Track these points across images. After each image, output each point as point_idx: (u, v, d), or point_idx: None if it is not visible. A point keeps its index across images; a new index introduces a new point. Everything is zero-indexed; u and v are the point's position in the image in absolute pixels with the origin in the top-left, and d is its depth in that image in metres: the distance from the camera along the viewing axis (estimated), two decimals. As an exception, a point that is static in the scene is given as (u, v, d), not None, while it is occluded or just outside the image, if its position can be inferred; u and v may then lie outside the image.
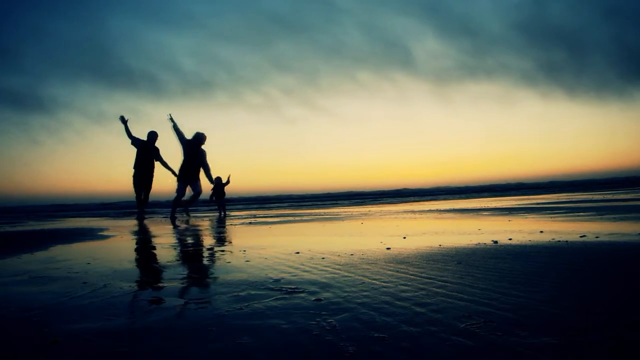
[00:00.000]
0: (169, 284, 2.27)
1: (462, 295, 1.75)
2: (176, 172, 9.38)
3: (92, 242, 4.81)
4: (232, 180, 10.62)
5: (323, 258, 2.83)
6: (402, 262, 2.57)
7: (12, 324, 1.65)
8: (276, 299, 1.84)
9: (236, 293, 1.98)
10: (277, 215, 9.59)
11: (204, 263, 2.90)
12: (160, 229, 6.42)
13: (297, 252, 3.12)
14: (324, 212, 9.92)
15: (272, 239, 4.40)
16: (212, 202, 10.89)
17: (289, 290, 1.99)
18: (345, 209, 11.66)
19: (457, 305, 1.63)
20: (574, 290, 1.79)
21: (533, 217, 5.65)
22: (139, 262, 3.04)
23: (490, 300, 1.66)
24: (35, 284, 2.38)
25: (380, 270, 2.35)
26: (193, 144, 9.26)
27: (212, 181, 9.55)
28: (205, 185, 9.46)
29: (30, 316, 1.73)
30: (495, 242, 3.22)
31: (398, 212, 8.49)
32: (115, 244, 4.50)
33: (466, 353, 1.20)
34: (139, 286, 2.25)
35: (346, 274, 2.28)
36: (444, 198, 19.69)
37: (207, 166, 9.37)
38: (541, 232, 3.78)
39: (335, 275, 2.28)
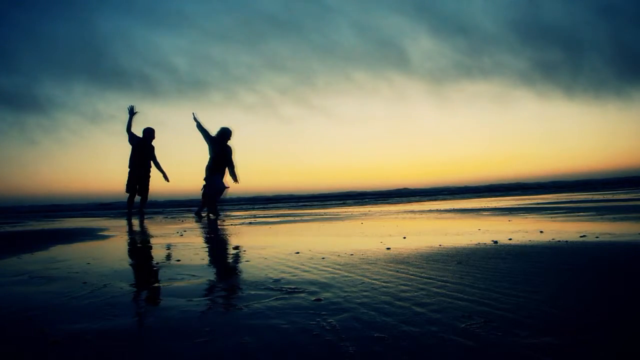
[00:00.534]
0: (168, 284, 2.27)
1: (462, 295, 1.75)
2: (168, 176, 9.27)
3: (92, 242, 4.81)
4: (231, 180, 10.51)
5: (323, 258, 2.83)
6: (402, 262, 2.57)
7: (12, 324, 1.65)
8: (276, 299, 1.85)
9: (236, 293, 1.99)
10: (277, 215, 9.59)
11: (204, 263, 2.90)
12: (160, 229, 6.42)
13: (297, 252, 3.12)
14: (324, 212, 9.92)
15: (272, 239, 4.40)
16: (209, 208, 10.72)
17: (289, 290, 1.99)
18: (345, 209, 11.66)
19: (457, 305, 1.63)
20: (574, 290, 1.79)
21: (533, 217, 5.65)
22: (138, 262, 3.04)
23: (490, 300, 1.66)
24: (35, 284, 2.38)
25: (380, 270, 2.35)
26: (219, 140, 9.15)
27: (236, 180, 9.29)
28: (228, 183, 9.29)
29: (30, 316, 1.73)
30: (495, 242, 3.22)
31: (398, 212, 8.49)
32: (115, 244, 4.50)
33: (466, 353, 1.20)
34: (139, 286, 2.25)
35: (346, 274, 2.28)
36: (443, 198, 19.70)
37: (233, 164, 9.17)
38: (541, 232, 3.78)
39: (335, 275, 2.28)
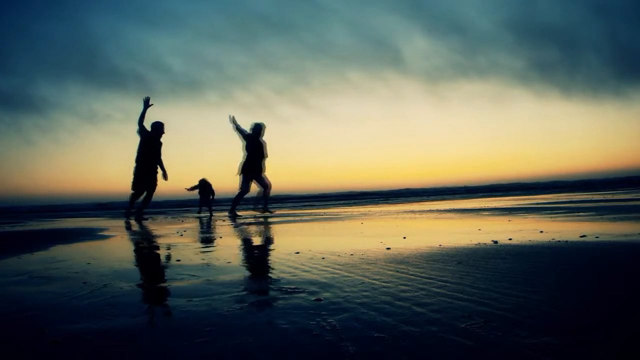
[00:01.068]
0: (168, 284, 2.27)
1: (462, 295, 1.75)
2: (167, 175, 9.02)
3: (92, 242, 4.81)
4: (229, 180, 10.51)
5: (323, 258, 2.83)
6: (402, 262, 2.57)
7: (12, 324, 1.65)
8: (276, 298, 1.85)
9: (236, 293, 1.98)
10: (277, 215, 9.59)
11: (204, 263, 2.90)
12: (160, 229, 6.42)
13: (297, 252, 3.12)
14: (323, 212, 9.92)
15: (272, 239, 4.40)
16: (202, 206, 10.60)
17: (289, 290, 1.99)
18: (345, 209, 11.66)
19: (457, 305, 1.63)
20: (574, 290, 1.79)
21: (533, 217, 5.65)
22: (138, 262, 3.04)
23: (490, 300, 1.66)
24: (35, 284, 2.38)
25: (380, 270, 2.35)
26: (254, 137, 9.07)
27: (263, 170, 9.30)
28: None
29: (30, 316, 1.73)
30: (496, 242, 3.22)
31: (398, 212, 8.49)
32: (115, 244, 4.50)
33: (466, 353, 1.20)
34: (139, 286, 2.25)
35: (346, 274, 2.28)
36: (442, 198, 19.70)
37: (266, 155, 9.18)
38: (541, 232, 3.78)
39: (335, 275, 2.28)
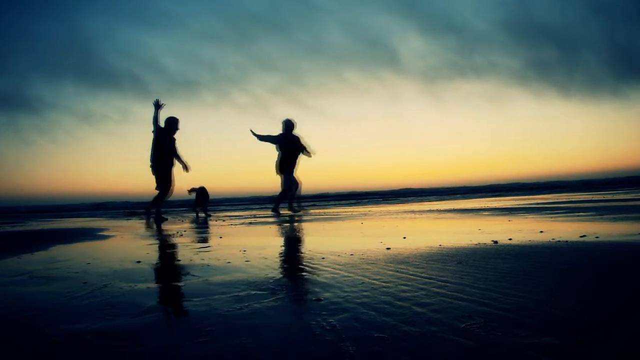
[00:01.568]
0: (168, 284, 2.27)
1: (462, 295, 1.75)
2: (187, 166, 8.71)
3: (92, 242, 4.81)
4: (225, 181, 10.36)
5: (323, 258, 2.83)
6: (402, 262, 2.57)
7: (12, 324, 1.65)
8: (276, 299, 1.85)
9: (236, 293, 1.98)
10: (276, 215, 9.59)
11: (204, 263, 2.90)
12: (159, 229, 6.42)
13: (297, 252, 3.12)
14: (323, 212, 9.91)
15: (272, 239, 4.40)
16: (196, 209, 10.40)
17: (288, 290, 1.99)
18: (345, 209, 11.66)
19: (457, 305, 1.63)
20: (574, 290, 1.79)
21: (533, 217, 5.65)
22: (138, 262, 3.04)
23: (490, 300, 1.66)
24: (35, 284, 2.38)
25: (380, 270, 2.35)
26: (285, 135, 9.03)
27: (310, 154, 9.26)
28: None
29: (30, 316, 1.73)
30: (496, 242, 3.22)
31: (398, 212, 8.49)
32: (115, 244, 4.50)
33: (466, 353, 1.20)
34: (139, 286, 2.25)
35: (346, 274, 2.28)
36: (442, 198, 19.69)
37: (304, 147, 9.13)
38: (541, 232, 3.78)
39: (335, 275, 2.28)
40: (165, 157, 8.58)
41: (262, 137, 9.14)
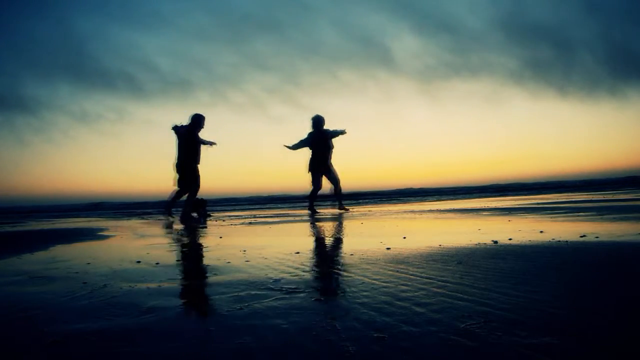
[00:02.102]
0: (168, 284, 2.27)
1: (462, 295, 1.75)
2: (214, 142, 8.60)
3: (92, 242, 4.81)
4: (223, 181, 10.14)
5: (323, 258, 2.83)
6: (402, 262, 2.57)
7: (12, 324, 1.65)
8: (276, 299, 1.84)
9: (236, 293, 1.98)
10: (276, 215, 9.59)
11: (204, 263, 2.90)
12: (159, 229, 6.42)
13: (297, 252, 3.12)
14: (323, 212, 9.91)
15: (272, 239, 4.40)
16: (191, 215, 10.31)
17: (289, 290, 1.99)
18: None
19: (457, 305, 1.63)
20: (574, 290, 1.79)
21: (533, 217, 5.65)
22: (138, 262, 3.04)
23: (490, 300, 1.66)
24: (35, 284, 2.38)
25: (380, 270, 2.35)
26: (314, 132, 8.98)
27: (341, 132, 9.15)
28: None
29: (30, 316, 1.73)
30: (496, 242, 3.22)
31: (398, 212, 8.49)
32: (115, 244, 4.50)
33: (466, 353, 1.20)
34: (139, 286, 2.25)
35: (346, 274, 2.28)
36: (441, 198, 19.70)
37: (333, 133, 9.03)
38: (541, 232, 3.78)
39: (336, 275, 2.28)
40: (194, 156, 8.48)
41: (295, 147, 9.16)
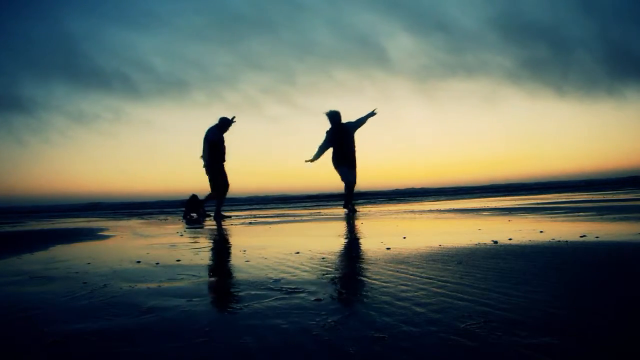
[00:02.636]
0: (169, 284, 2.27)
1: (462, 295, 1.75)
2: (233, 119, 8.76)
3: (92, 242, 4.81)
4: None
5: (323, 258, 2.83)
6: (402, 262, 2.57)
7: (12, 324, 1.65)
8: (276, 299, 1.84)
9: (236, 293, 1.99)
10: (276, 215, 9.59)
11: (204, 263, 2.90)
12: (159, 229, 6.42)
13: (297, 252, 3.12)
14: (323, 212, 9.91)
15: (272, 239, 4.40)
16: (188, 217, 9.77)
17: (289, 290, 1.99)
18: (344, 209, 11.63)
19: (457, 305, 1.63)
20: (574, 290, 1.79)
21: (533, 217, 5.65)
22: (138, 262, 3.04)
23: (490, 300, 1.66)
24: (35, 284, 2.38)
25: (380, 270, 2.35)
26: (334, 130, 8.87)
27: (373, 113, 9.01)
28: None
29: (30, 316, 1.73)
30: (495, 242, 3.22)
31: (398, 212, 8.49)
32: (115, 244, 4.50)
33: (466, 353, 1.20)
34: (139, 286, 2.25)
35: (346, 274, 2.28)
36: (441, 198, 19.69)
37: (357, 123, 8.93)
38: (541, 232, 3.78)
39: (336, 275, 2.28)
40: (221, 157, 8.74)
41: (317, 156, 8.98)
